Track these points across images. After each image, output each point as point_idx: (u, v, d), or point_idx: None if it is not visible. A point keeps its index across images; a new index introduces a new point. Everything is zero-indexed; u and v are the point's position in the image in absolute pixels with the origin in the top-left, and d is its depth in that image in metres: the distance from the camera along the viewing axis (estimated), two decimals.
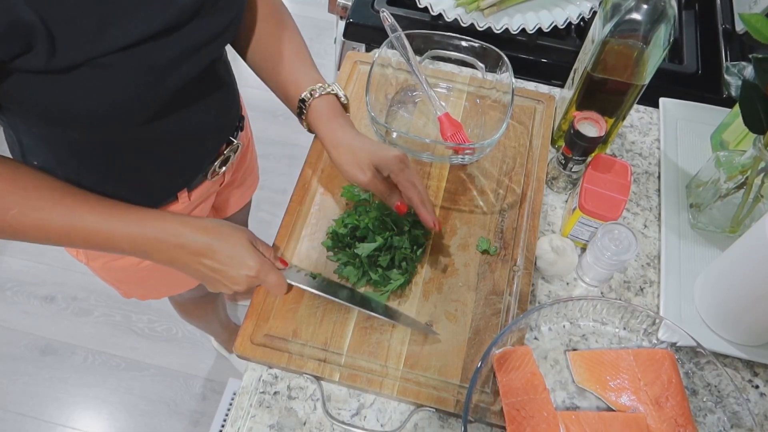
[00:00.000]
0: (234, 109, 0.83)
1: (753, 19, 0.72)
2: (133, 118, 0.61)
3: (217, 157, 0.81)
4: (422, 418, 0.68)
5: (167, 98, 0.62)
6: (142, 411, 1.57)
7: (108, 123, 0.60)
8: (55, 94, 0.54)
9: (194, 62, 0.62)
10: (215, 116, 0.76)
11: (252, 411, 0.68)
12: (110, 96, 0.56)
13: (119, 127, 0.63)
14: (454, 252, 0.77)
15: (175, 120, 0.68)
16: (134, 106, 0.59)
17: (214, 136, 0.80)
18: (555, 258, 0.78)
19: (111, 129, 0.63)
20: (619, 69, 0.77)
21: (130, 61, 0.55)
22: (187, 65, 0.61)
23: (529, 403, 0.64)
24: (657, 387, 0.67)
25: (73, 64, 0.52)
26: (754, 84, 0.70)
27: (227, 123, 0.82)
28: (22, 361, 1.63)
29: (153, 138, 0.69)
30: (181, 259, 0.65)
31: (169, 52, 0.58)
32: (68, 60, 0.51)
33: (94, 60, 0.52)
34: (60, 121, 0.59)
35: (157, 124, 0.65)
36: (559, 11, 1.04)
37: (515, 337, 0.69)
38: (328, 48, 2.35)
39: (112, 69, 0.54)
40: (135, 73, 0.56)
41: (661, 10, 0.70)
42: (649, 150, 0.94)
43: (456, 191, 0.83)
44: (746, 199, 0.76)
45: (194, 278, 0.68)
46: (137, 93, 0.58)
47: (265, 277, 0.67)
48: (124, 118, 0.60)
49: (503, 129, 0.75)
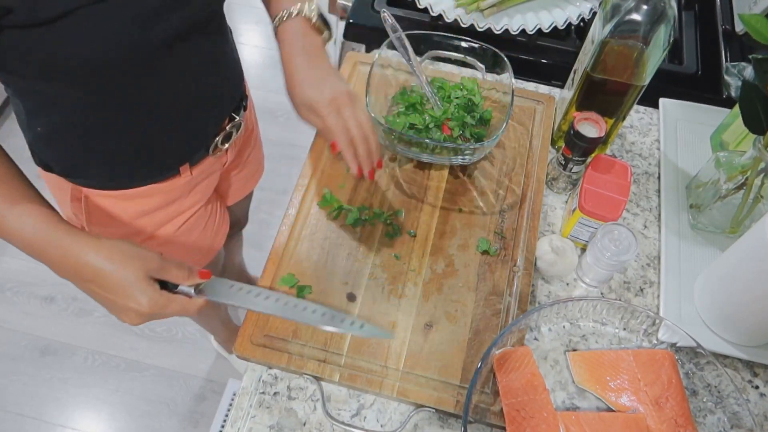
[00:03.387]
0: (236, 81, 0.83)
1: (753, 19, 0.72)
2: (125, 70, 0.62)
3: (219, 132, 0.82)
4: (422, 419, 0.68)
5: (156, 50, 0.62)
6: (142, 411, 1.57)
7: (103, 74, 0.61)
8: (44, 45, 0.56)
9: (182, 15, 0.62)
10: (216, 81, 0.76)
11: (252, 411, 0.68)
12: (97, 45, 0.57)
13: (116, 81, 0.64)
14: (454, 252, 0.77)
15: (173, 80, 0.68)
16: (123, 55, 0.60)
17: (216, 105, 0.80)
18: (555, 258, 0.78)
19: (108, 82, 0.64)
20: (619, 69, 0.77)
21: (111, 10, 0.56)
22: (175, 17, 0.61)
23: (529, 403, 0.64)
24: (657, 387, 0.67)
25: (54, 15, 0.53)
26: (754, 84, 0.70)
27: (229, 93, 0.82)
28: (22, 361, 1.63)
29: (154, 98, 0.69)
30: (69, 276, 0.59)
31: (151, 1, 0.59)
32: (49, 11, 0.53)
33: (76, 10, 0.54)
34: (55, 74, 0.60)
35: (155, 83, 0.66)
36: (559, 12, 1.04)
37: (515, 337, 0.69)
38: (328, 48, 2.35)
39: (94, 18, 0.55)
40: (118, 22, 0.57)
41: (661, 10, 0.70)
42: (648, 150, 0.94)
43: (456, 192, 0.83)
44: (746, 199, 0.76)
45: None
46: (124, 42, 0.59)
47: (163, 311, 0.59)
48: (116, 69, 0.61)
49: (503, 129, 0.75)
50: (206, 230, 0.93)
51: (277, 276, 0.74)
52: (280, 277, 0.74)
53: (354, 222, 0.78)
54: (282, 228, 0.78)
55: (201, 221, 0.90)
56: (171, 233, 0.86)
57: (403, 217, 0.80)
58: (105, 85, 0.64)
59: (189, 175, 0.81)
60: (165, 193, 0.81)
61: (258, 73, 2.32)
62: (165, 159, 0.78)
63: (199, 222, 0.90)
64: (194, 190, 0.85)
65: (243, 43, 2.40)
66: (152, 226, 0.83)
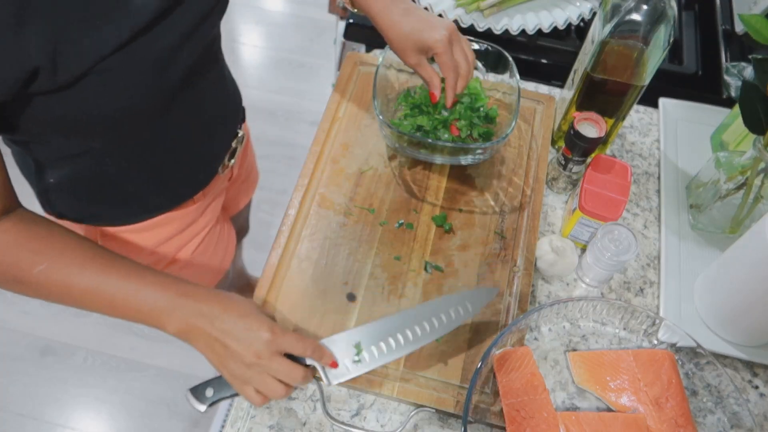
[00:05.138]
0: (237, 96, 0.83)
1: (753, 19, 0.72)
2: (145, 114, 0.61)
3: (227, 150, 0.82)
4: (422, 419, 0.68)
5: (174, 88, 0.62)
6: (142, 411, 1.57)
7: (123, 123, 0.60)
8: (66, 106, 0.54)
9: (193, 45, 0.61)
10: (222, 105, 0.76)
11: (252, 412, 0.68)
12: (120, 97, 0.56)
13: (134, 126, 0.63)
14: (454, 252, 0.77)
15: (186, 113, 0.68)
16: (144, 101, 0.59)
17: (224, 126, 0.80)
18: (555, 258, 0.78)
19: (127, 129, 0.63)
20: (619, 70, 0.77)
21: (130, 59, 0.54)
22: (187, 49, 0.60)
23: (529, 403, 0.64)
24: (657, 387, 0.67)
25: (76, 76, 0.52)
26: (754, 84, 0.70)
27: (234, 112, 0.82)
28: (22, 361, 1.63)
29: (170, 134, 0.69)
30: (199, 325, 0.58)
31: (166, 41, 0.57)
32: (71, 74, 0.52)
33: (96, 67, 0.52)
34: (77, 131, 0.59)
35: (169, 118, 0.65)
36: (559, 12, 1.04)
37: (515, 337, 0.69)
38: (328, 48, 2.35)
39: (115, 71, 0.54)
40: (138, 69, 0.56)
41: (660, 10, 0.70)
42: (649, 151, 0.94)
43: (456, 192, 0.83)
44: (746, 199, 0.76)
45: (207, 359, 0.61)
46: (145, 88, 0.58)
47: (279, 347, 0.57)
48: (137, 116, 0.60)
49: (512, 128, 0.75)
50: (218, 248, 0.93)
51: (278, 276, 0.74)
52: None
53: None
54: (282, 228, 0.78)
55: (213, 239, 0.91)
56: (189, 256, 0.86)
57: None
58: (123, 132, 0.63)
59: (201, 198, 0.82)
60: (180, 219, 0.81)
61: (258, 73, 2.32)
62: (180, 189, 0.78)
63: (212, 241, 0.90)
64: (206, 210, 0.86)
65: (243, 43, 2.40)
66: (171, 251, 0.83)
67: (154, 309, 0.58)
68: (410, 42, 0.71)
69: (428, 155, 0.81)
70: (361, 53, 1.00)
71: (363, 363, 0.62)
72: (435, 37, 0.69)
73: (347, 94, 0.93)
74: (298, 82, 2.29)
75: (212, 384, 0.61)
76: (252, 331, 0.57)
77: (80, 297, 0.58)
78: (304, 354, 0.59)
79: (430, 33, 0.70)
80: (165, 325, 0.58)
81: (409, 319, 0.64)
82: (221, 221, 0.94)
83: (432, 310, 0.65)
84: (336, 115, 0.90)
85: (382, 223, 0.79)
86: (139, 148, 0.68)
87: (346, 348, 0.62)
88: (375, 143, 0.87)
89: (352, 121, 0.90)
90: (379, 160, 0.86)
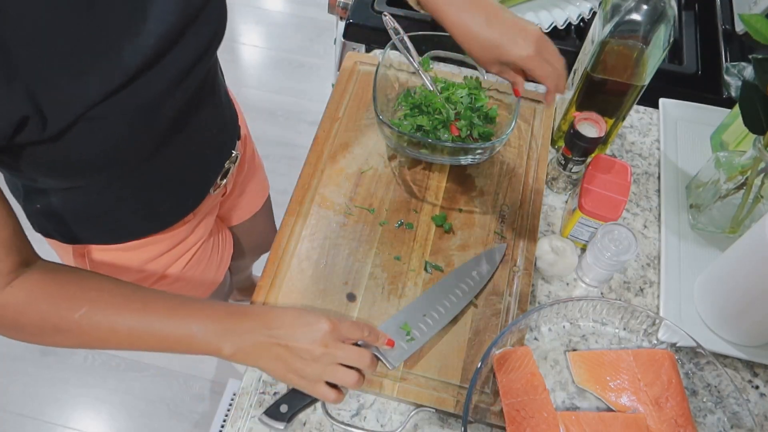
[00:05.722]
0: (232, 121, 0.82)
1: (753, 19, 0.72)
2: (135, 155, 0.61)
3: (219, 173, 0.81)
4: (422, 419, 0.68)
5: (165, 129, 0.61)
6: (141, 411, 1.57)
7: (111, 165, 0.59)
8: (55, 153, 0.53)
9: (185, 87, 0.60)
10: (216, 133, 0.75)
11: (252, 411, 0.68)
12: (109, 142, 0.55)
13: (122, 166, 0.62)
14: (453, 252, 0.77)
15: (176, 146, 0.67)
16: (134, 144, 0.58)
17: (217, 153, 0.79)
18: (555, 258, 0.78)
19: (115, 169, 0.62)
20: (619, 70, 0.77)
21: (120, 105, 0.53)
22: (178, 92, 0.59)
23: (529, 403, 0.64)
24: (657, 387, 0.67)
25: (65, 126, 0.51)
26: (754, 84, 0.70)
27: (228, 137, 0.81)
28: (22, 361, 1.63)
29: (158, 168, 0.68)
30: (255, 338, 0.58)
31: (157, 86, 0.56)
32: (60, 124, 0.50)
33: (84, 115, 0.51)
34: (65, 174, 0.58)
35: (160, 154, 0.65)
36: (559, 12, 1.04)
37: (515, 337, 0.69)
38: (328, 48, 2.35)
39: (100, 120, 0.53)
40: (129, 115, 0.55)
41: (660, 10, 0.70)
42: (648, 150, 0.94)
43: (456, 191, 0.83)
44: (746, 199, 0.76)
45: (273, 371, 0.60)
46: (135, 132, 0.57)
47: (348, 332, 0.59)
48: (126, 158, 0.60)
49: (512, 127, 0.75)
50: (211, 261, 0.92)
51: (278, 276, 0.74)
52: None
53: None
54: (282, 228, 0.78)
55: (206, 253, 0.90)
56: (179, 271, 0.85)
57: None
58: (110, 172, 0.63)
59: (192, 217, 0.81)
60: (169, 239, 0.80)
61: (258, 73, 2.32)
62: (169, 217, 0.78)
63: (204, 255, 0.89)
64: (197, 228, 0.85)
65: (243, 43, 2.40)
66: (161, 269, 0.83)
67: (206, 336, 0.58)
68: (492, 56, 0.67)
69: (428, 155, 0.81)
70: (361, 53, 1.00)
71: (416, 340, 0.68)
72: (521, 54, 0.65)
73: (347, 94, 0.93)
74: (298, 82, 2.29)
75: (284, 400, 0.64)
76: (311, 325, 0.58)
77: (127, 337, 0.57)
78: (362, 336, 0.61)
79: (515, 50, 0.65)
80: (221, 350, 0.58)
81: (439, 292, 0.72)
82: (215, 233, 0.93)
83: (455, 279, 0.73)
84: (336, 115, 0.90)
85: (382, 223, 0.79)
86: (128, 182, 0.68)
87: (396, 331, 0.68)
88: (375, 143, 0.87)
89: (352, 121, 0.90)
90: (379, 160, 0.86)
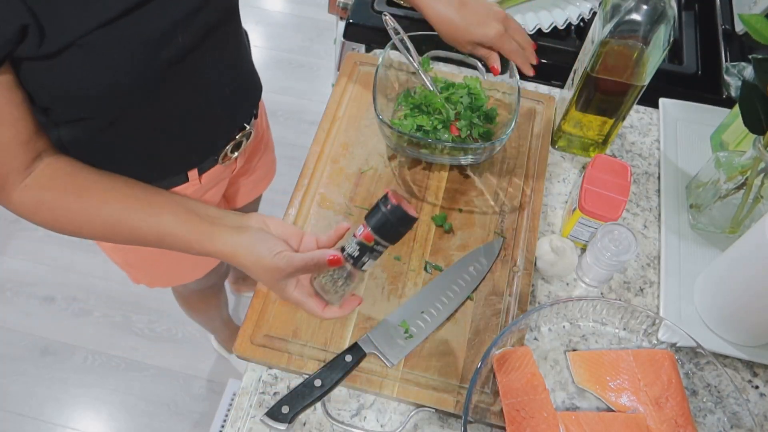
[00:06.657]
0: (249, 91, 0.82)
1: (753, 19, 0.72)
2: (135, 94, 0.61)
3: (229, 141, 0.81)
4: (422, 419, 0.68)
5: (167, 72, 0.61)
6: (141, 411, 1.57)
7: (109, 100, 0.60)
8: (51, 77, 0.55)
9: (190, 32, 0.61)
10: (228, 94, 0.75)
11: (252, 411, 0.68)
12: (105, 74, 0.56)
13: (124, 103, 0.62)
14: (453, 252, 0.77)
15: (183, 96, 0.67)
16: (132, 80, 0.58)
17: (229, 116, 0.79)
18: (555, 258, 0.78)
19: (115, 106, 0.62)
20: (619, 70, 0.77)
21: (116, 36, 0.54)
22: (183, 35, 0.60)
23: (529, 403, 0.64)
24: (657, 387, 0.67)
25: (61, 46, 0.52)
26: (754, 84, 0.70)
27: (244, 104, 0.81)
28: (22, 361, 1.63)
29: (164, 113, 0.68)
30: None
31: (158, 23, 0.57)
32: (56, 44, 0.52)
33: (81, 39, 0.52)
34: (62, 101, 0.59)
35: (166, 99, 0.65)
36: (559, 12, 1.04)
37: (515, 337, 0.69)
38: (328, 48, 2.35)
39: (100, 47, 0.54)
40: (125, 48, 0.55)
41: (660, 10, 0.70)
42: (648, 150, 0.94)
43: (456, 191, 0.83)
44: (746, 199, 0.76)
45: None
46: (133, 68, 0.57)
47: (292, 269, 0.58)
48: (125, 94, 0.60)
49: (512, 128, 0.75)
50: None
51: None
52: None
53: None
54: None
55: None
56: None
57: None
58: (113, 108, 0.63)
59: (198, 183, 0.81)
60: None
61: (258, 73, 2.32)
62: (172, 165, 0.78)
63: None
64: (203, 198, 0.85)
65: None
66: None
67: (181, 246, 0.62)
68: (465, 38, 0.75)
69: (428, 155, 0.81)
70: (361, 53, 1.00)
71: (414, 337, 0.69)
72: (489, 34, 0.73)
73: (347, 94, 0.93)
74: (298, 82, 2.29)
75: (285, 401, 0.64)
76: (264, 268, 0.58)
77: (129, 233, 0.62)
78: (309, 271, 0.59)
79: (483, 30, 0.73)
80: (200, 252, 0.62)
81: (437, 288, 0.73)
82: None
83: (453, 275, 0.73)
84: (336, 115, 0.90)
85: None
86: (131, 124, 0.68)
87: (394, 329, 0.69)
88: (375, 143, 0.87)
89: (352, 121, 0.90)
90: (379, 160, 0.86)
